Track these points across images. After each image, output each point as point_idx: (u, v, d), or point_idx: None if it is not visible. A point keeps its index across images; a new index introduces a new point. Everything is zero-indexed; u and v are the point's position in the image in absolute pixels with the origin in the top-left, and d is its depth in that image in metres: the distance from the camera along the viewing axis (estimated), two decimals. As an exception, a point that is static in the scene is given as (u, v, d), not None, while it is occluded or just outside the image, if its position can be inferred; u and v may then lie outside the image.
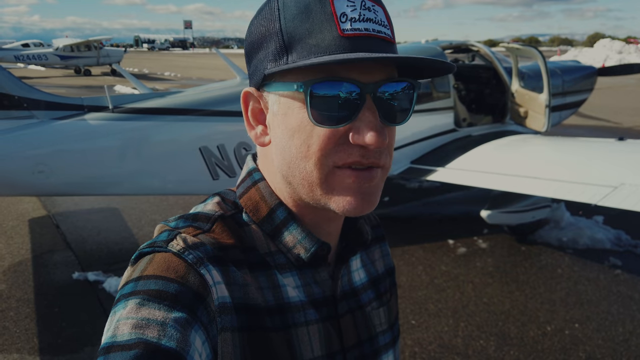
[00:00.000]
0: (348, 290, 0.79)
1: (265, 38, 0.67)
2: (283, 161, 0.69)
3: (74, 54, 27.48)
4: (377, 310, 0.84)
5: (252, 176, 0.77)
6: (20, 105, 4.23)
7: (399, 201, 6.58)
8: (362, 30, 0.63)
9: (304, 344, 0.70)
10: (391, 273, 0.93)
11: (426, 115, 5.66)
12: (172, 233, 0.67)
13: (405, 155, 5.56)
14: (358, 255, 0.85)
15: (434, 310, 3.91)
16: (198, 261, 0.63)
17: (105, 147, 4.46)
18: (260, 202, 0.74)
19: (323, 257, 0.74)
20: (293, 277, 0.73)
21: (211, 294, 0.62)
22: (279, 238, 0.73)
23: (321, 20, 0.63)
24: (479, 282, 4.34)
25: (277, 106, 0.69)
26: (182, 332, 0.56)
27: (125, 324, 0.56)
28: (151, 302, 0.57)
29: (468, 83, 6.75)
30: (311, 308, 0.72)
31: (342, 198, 0.66)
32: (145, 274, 0.61)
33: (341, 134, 0.64)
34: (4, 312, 3.81)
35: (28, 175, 4.16)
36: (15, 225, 5.64)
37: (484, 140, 5.54)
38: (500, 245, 5.11)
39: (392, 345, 0.86)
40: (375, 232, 0.93)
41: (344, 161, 0.65)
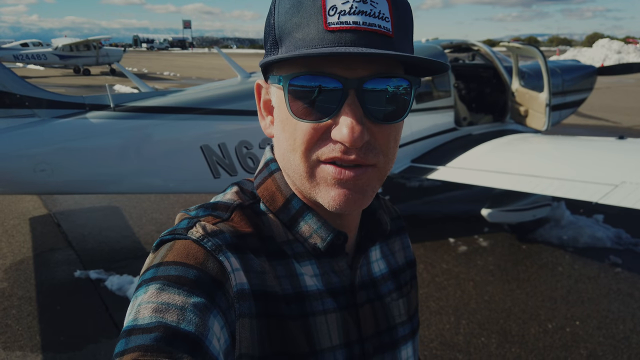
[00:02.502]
0: (367, 280, 0.79)
1: (266, 33, 0.69)
2: (279, 152, 0.72)
3: (73, 54, 27.46)
4: (397, 302, 0.84)
5: (269, 167, 0.78)
6: (22, 104, 4.23)
7: (399, 200, 6.59)
8: (350, 24, 0.61)
9: (322, 333, 0.70)
10: (412, 265, 0.93)
11: (427, 114, 5.67)
12: (191, 221, 0.68)
13: (405, 154, 5.57)
14: (378, 247, 0.85)
15: (436, 308, 3.92)
16: (217, 248, 0.64)
17: (106, 146, 4.47)
18: (276, 192, 0.75)
19: (340, 247, 0.74)
20: (311, 265, 0.73)
21: (230, 281, 0.63)
22: (296, 228, 0.73)
23: (310, 14, 0.62)
24: (480, 280, 4.35)
25: (275, 98, 0.71)
26: (200, 316, 0.57)
27: (146, 307, 0.57)
28: (171, 287, 0.58)
29: (468, 82, 6.77)
30: (329, 297, 0.72)
31: (327, 193, 0.66)
32: (165, 260, 0.62)
33: (324, 129, 0.64)
34: (7, 310, 3.82)
35: (30, 173, 4.17)
36: (17, 224, 5.64)
37: (484, 139, 5.55)
38: (501, 244, 5.13)
39: (411, 337, 0.86)
40: (396, 224, 0.93)
41: (326, 156, 0.64)
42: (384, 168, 0.68)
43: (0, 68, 4.20)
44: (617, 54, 31.66)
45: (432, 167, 5.34)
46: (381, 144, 0.66)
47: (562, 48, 57.31)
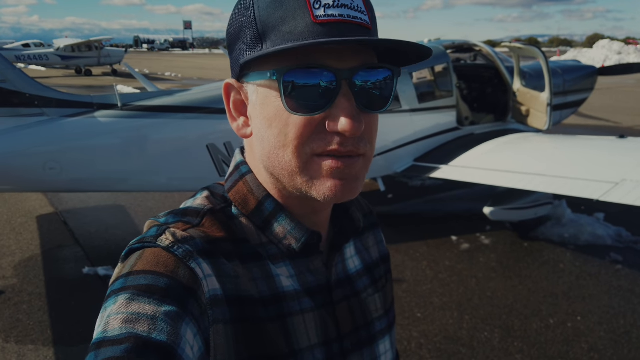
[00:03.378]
0: (343, 277, 0.79)
1: (242, 29, 0.67)
2: (263, 151, 0.69)
3: (75, 54, 27.54)
4: (373, 297, 0.84)
5: (240, 169, 0.77)
6: (32, 103, 4.30)
7: (402, 198, 6.66)
8: (336, 17, 0.62)
9: (300, 333, 0.70)
10: (386, 260, 0.92)
11: (429, 113, 5.74)
12: (161, 228, 0.67)
13: (408, 153, 5.63)
14: (352, 243, 0.84)
15: (439, 303, 3.98)
16: (187, 255, 0.63)
17: (114, 144, 4.54)
18: (248, 194, 0.74)
19: (315, 246, 0.74)
20: (287, 267, 0.72)
21: (202, 287, 0.62)
22: (269, 230, 0.73)
23: (294, 7, 0.62)
24: (482, 277, 4.42)
25: (256, 96, 0.68)
26: (172, 325, 0.56)
27: (115, 319, 0.56)
28: (141, 297, 0.57)
29: (470, 82, 6.84)
30: (306, 297, 0.72)
31: (322, 185, 0.66)
32: (135, 270, 0.61)
33: (318, 121, 0.64)
34: (18, 305, 3.88)
35: (39, 171, 4.23)
36: (24, 222, 5.71)
37: (486, 139, 5.62)
38: (503, 242, 5.19)
39: (388, 331, 0.86)
40: (368, 220, 0.92)
41: (322, 149, 0.64)
42: (369, 157, 0.69)
43: (10, 68, 4.27)
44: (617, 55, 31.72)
45: (435, 166, 5.41)
46: (368, 133, 0.67)
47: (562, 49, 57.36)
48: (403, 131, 5.59)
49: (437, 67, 6.10)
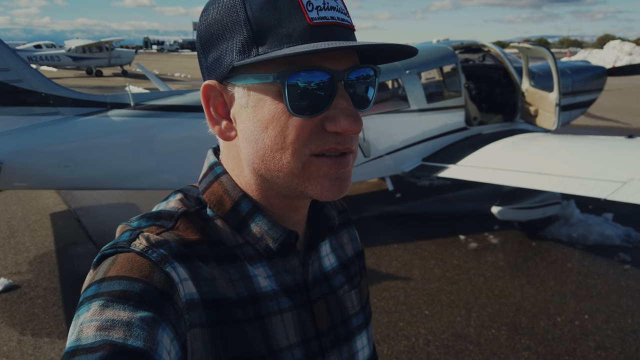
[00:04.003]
0: (319, 275, 0.80)
1: (228, 29, 0.65)
2: (256, 154, 0.68)
3: (86, 55, 27.81)
4: (349, 293, 0.84)
5: (214, 170, 0.76)
6: (47, 102, 4.39)
7: (410, 198, 6.69)
8: (329, 19, 0.64)
9: (279, 332, 0.70)
10: (360, 256, 0.93)
11: (438, 113, 5.77)
12: (134, 232, 0.66)
13: (416, 153, 5.67)
14: (327, 241, 0.85)
15: (447, 301, 4.02)
16: (162, 259, 0.62)
17: (126, 143, 4.62)
18: (223, 195, 0.74)
19: (292, 246, 0.74)
20: (263, 267, 0.73)
21: (178, 291, 0.61)
22: (246, 230, 0.73)
23: (289, 10, 0.63)
24: (490, 276, 4.44)
25: (246, 99, 0.67)
26: (148, 331, 0.55)
27: (89, 326, 0.54)
28: (115, 303, 0.56)
29: (479, 82, 6.86)
30: (284, 296, 0.72)
31: (320, 185, 0.67)
32: (108, 275, 0.60)
33: (316, 122, 0.65)
34: (33, 300, 3.97)
35: (54, 169, 4.32)
36: (38, 219, 5.81)
37: (494, 139, 5.64)
38: (510, 241, 5.21)
39: (365, 327, 0.87)
40: (342, 217, 0.93)
41: (320, 149, 0.65)
42: (356, 154, 0.71)
43: (26, 68, 4.37)
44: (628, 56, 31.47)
45: (443, 166, 5.44)
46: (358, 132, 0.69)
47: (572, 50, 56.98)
48: (411, 131, 5.62)
49: (446, 68, 6.13)
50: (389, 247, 5.04)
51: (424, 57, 5.90)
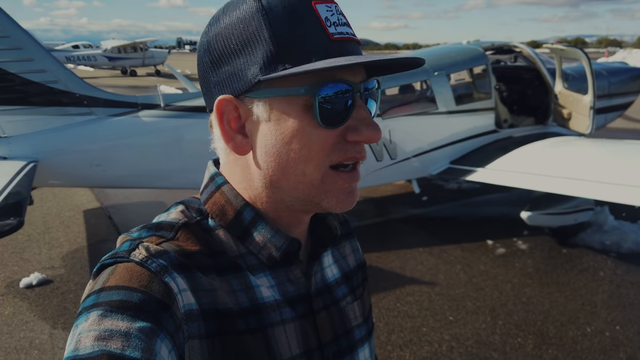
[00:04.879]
0: (322, 286, 0.80)
1: (247, 42, 0.66)
2: (278, 166, 0.68)
3: (121, 55, 28.52)
4: (352, 305, 0.84)
5: (215, 181, 0.76)
6: (81, 103, 4.53)
7: (437, 201, 6.61)
8: (345, 34, 0.67)
9: (281, 343, 0.70)
10: (363, 267, 0.94)
11: (466, 115, 5.69)
12: (134, 242, 0.66)
13: (444, 156, 5.60)
14: (329, 252, 0.86)
15: (472, 307, 3.95)
16: (162, 269, 0.62)
17: (156, 143, 4.72)
18: (225, 205, 0.74)
19: (294, 254, 0.75)
20: (266, 277, 0.72)
21: (177, 302, 0.61)
22: (249, 239, 0.73)
23: (311, 25, 0.65)
24: (517, 282, 4.35)
25: (268, 112, 0.67)
26: (147, 341, 0.55)
27: (87, 336, 0.54)
28: (114, 313, 0.56)
29: (510, 84, 6.72)
30: (287, 306, 0.72)
31: (336, 197, 0.69)
32: (107, 285, 0.60)
33: (337, 133, 0.67)
34: (64, 295, 4.10)
35: (87, 168, 4.46)
36: (72, 215, 6.00)
37: (525, 142, 5.51)
38: (540, 247, 5.09)
39: (367, 338, 0.86)
40: (344, 228, 0.94)
41: (340, 160, 0.67)
42: None
43: (62, 69, 4.51)
44: (670, 56, 30.25)
45: (471, 169, 5.35)
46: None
47: (611, 50, 55.15)
48: (439, 133, 5.56)
49: (476, 69, 6.03)
50: (414, 250, 4.99)
51: (453, 58, 5.82)
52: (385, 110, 5.28)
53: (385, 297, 4.09)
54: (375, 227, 5.71)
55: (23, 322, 3.69)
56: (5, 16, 4.13)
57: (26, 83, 4.32)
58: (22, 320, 3.72)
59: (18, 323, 3.68)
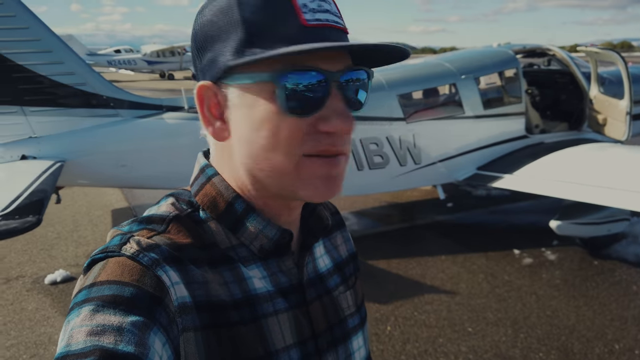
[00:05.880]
0: (314, 276, 0.79)
1: (223, 30, 0.66)
2: (249, 154, 0.68)
3: (160, 59, 29.29)
4: (345, 294, 0.84)
5: (205, 172, 0.75)
6: (108, 105, 4.63)
7: (464, 208, 6.44)
8: (323, 21, 0.65)
9: (275, 334, 0.70)
10: (354, 257, 0.94)
11: (495, 120, 5.52)
12: (124, 237, 0.65)
13: (471, 161, 5.45)
14: (321, 242, 0.85)
15: (493, 319, 3.81)
16: (153, 263, 0.62)
17: (180, 145, 4.76)
18: (217, 197, 0.73)
19: (286, 245, 0.74)
20: (258, 268, 0.72)
21: (169, 295, 0.61)
22: (241, 230, 0.72)
23: (284, 11, 0.63)
24: (543, 295, 4.17)
25: (240, 99, 0.67)
26: (140, 335, 0.55)
27: (79, 332, 0.54)
28: (106, 308, 0.56)
29: (543, 88, 6.49)
30: (279, 297, 0.72)
31: (311, 186, 0.67)
32: (98, 280, 0.59)
33: (309, 123, 0.65)
34: (86, 292, 4.19)
35: (112, 168, 4.55)
36: (100, 214, 6.16)
37: (557, 148, 5.31)
38: (570, 258, 4.87)
39: (360, 327, 0.86)
40: (335, 219, 0.93)
41: (313, 150, 0.65)
42: (349, 156, 0.71)
43: (90, 71, 4.63)
44: None
45: (499, 175, 5.19)
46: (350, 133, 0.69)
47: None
48: (466, 138, 5.42)
49: (506, 72, 5.85)
50: (436, 258, 4.87)
51: (481, 61, 5.67)
52: (410, 114, 5.19)
53: (403, 305, 4.00)
54: (398, 233, 5.61)
55: (45, 318, 3.79)
56: (36, 20, 4.27)
57: (56, 85, 4.45)
58: (44, 315, 3.82)
59: (40, 318, 3.78)
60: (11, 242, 5.10)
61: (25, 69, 4.30)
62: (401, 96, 5.18)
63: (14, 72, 4.26)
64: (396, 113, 5.11)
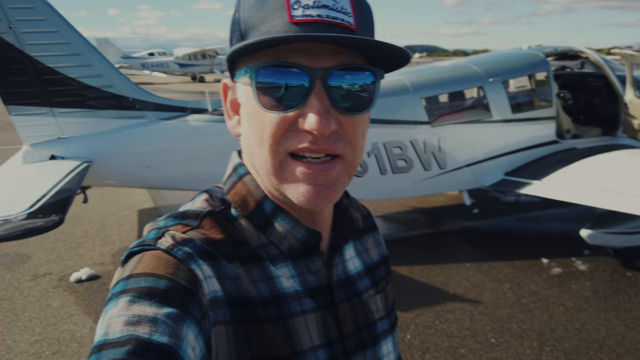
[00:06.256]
0: (343, 278, 0.79)
1: (231, 29, 0.69)
2: (247, 150, 0.72)
3: (191, 62, 29.79)
4: (374, 298, 0.83)
5: (238, 171, 0.77)
6: (134, 106, 4.71)
7: (492, 214, 6.28)
8: (314, 16, 0.62)
9: (302, 334, 0.70)
10: (386, 261, 0.93)
11: (524, 124, 5.37)
12: (160, 231, 0.67)
13: (498, 166, 5.31)
14: (351, 244, 0.85)
15: (518, 330, 3.68)
16: (187, 257, 0.63)
17: (203, 146, 4.80)
18: (247, 196, 0.74)
19: (315, 246, 0.74)
20: (287, 267, 0.72)
21: (202, 289, 0.62)
22: (270, 230, 0.73)
23: (274, 8, 0.63)
24: (572, 306, 4.01)
25: (241, 95, 0.70)
26: (173, 327, 0.56)
27: (116, 321, 0.56)
28: (142, 299, 0.57)
29: (575, 92, 6.28)
30: (307, 297, 0.72)
31: (296, 189, 0.67)
32: (135, 272, 0.61)
33: (292, 120, 0.64)
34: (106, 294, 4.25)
35: (137, 169, 4.62)
36: (127, 214, 6.26)
37: (589, 154, 5.12)
38: (601, 269, 4.68)
39: (390, 332, 0.85)
40: (367, 222, 0.93)
41: (294, 147, 0.65)
42: (352, 160, 0.69)
43: (117, 74, 4.71)
44: None
45: (527, 181, 5.04)
46: (349, 134, 0.67)
47: None
48: (493, 143, 5.28)
49: (536, 75, 5.68)
50: (461, 265, 4.75)
51: (509, 64, 5.52)
52: (435, 118, 5.09)
53: (424, 313, 3.91)
54: (422, 239, 5.51)
55: (68, 315, 3.86)
56: (66, 23, 4.37)
57: (84, 87, 4.55)
58: (68, 313, 3.90)
59: (64, 316, 3.85)
60: (41, 240, 5.24)
61: (55, 71, 4.41)
62: (426, 99, 5.09)
63: (45, 75, 4.37)
64: (421, 116, 5.02)
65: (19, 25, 4.22)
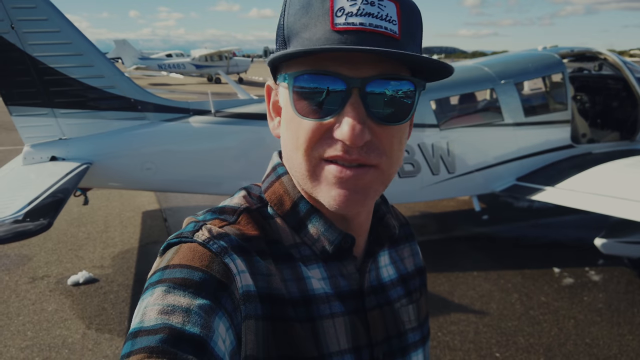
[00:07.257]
0: (376, 285, 0.79)
1: (277, 34, 0.70)
2: (285, 154, 0.73)
3: (207, 63, 29.89)
4: (407, 308, 0.83)
5: (277, 171, 0.79)
6: (136, 107, 4.65)
7: (503, 220, 6.08)
8: (356, 25, 0.61)
9: (329, 336, 0.70)
10: (422, 272, 0.92)
11: (537, 128, 5.18)
12: (198, 224, 0.69)
13: (509, 171, 5.13)
14: (387, 252, 0.85)
15: (524, 344, 3.51)
16: (222, 250, 0.65)
17: (206, 149, 4.73)
18: (284, 195, 0.76)
19: (348, 250, 0.74)
20: (319, 269, 0.73)
21: (235, 283, 0.63)
22: (303, 230, 0.74)
23: (317, 15, 0.63)
24: (583, 319, 3.82)
25: (282, 99, 0.72)
26: (205, 318, 0.58)
27: (152, 310, 0.58)
28: (176, 290, 0.59)
29: (592, 94, 6.06)
30: (337, 300, 0.72)
31: (328, 192, 0.67)
32: (171, 263, 0.63)
33: (327, 127, 0.64)
34: (106, 295, 4.20)
35: (138, 171, 4.56)
36: (131, 216, 6.22)
37: (606, 159, 4.91)
38: (616, 280, 4.46)
39: (422, 344, 0.84)
40: (404, 230, 0.93)
41: (328, 154, 0.65)
42: (387, 170, 0.68)
43: (119, 74, 4.66)
44: None
45: (540, 187, 4.85)
46: (384, 145, 0.66)
47: None
48: (504, 147, 5.10)
49: (551, 77, 5.48)
50: (468, 274, 4.58)
51: (522, 65, 5.34)
52: (444, 121, 4.93)
53: (427, 324, 3.75)
54: (428, 245, 5.34)
55: (62, 320, 3.80)
56: (68, 23, 4.33)
57: (86, 88, 4.51)
58: (62, 317, 3.84)
59: (57, 320, 3.79)
60: (43, 241, 5.22)
61: (57, 71, 4.37)
62: (435, 101, 4.93)
63: (46, 75, 4.34)
64: (429, 119, 4.87)
65: (20, 25, 4.19)
